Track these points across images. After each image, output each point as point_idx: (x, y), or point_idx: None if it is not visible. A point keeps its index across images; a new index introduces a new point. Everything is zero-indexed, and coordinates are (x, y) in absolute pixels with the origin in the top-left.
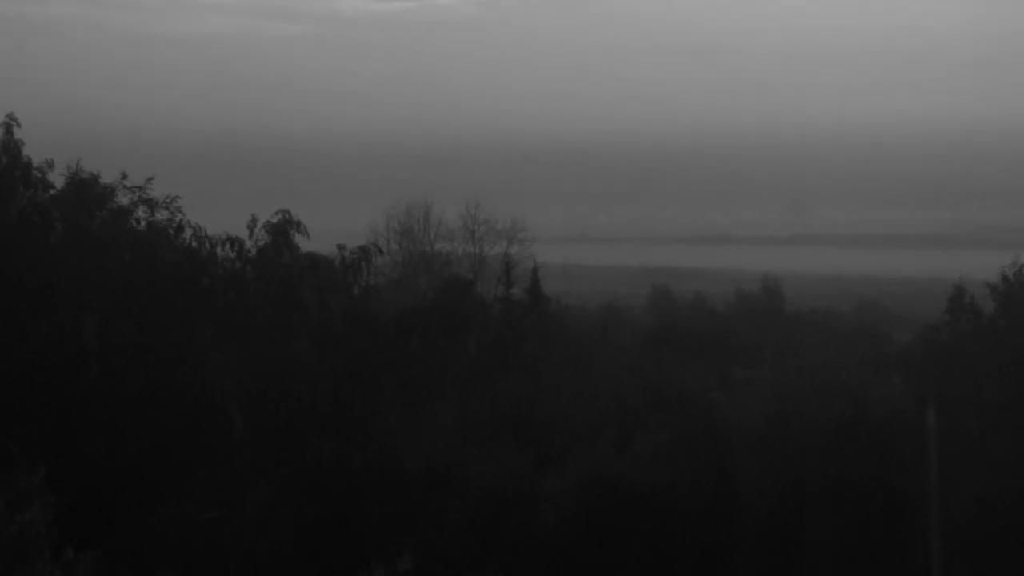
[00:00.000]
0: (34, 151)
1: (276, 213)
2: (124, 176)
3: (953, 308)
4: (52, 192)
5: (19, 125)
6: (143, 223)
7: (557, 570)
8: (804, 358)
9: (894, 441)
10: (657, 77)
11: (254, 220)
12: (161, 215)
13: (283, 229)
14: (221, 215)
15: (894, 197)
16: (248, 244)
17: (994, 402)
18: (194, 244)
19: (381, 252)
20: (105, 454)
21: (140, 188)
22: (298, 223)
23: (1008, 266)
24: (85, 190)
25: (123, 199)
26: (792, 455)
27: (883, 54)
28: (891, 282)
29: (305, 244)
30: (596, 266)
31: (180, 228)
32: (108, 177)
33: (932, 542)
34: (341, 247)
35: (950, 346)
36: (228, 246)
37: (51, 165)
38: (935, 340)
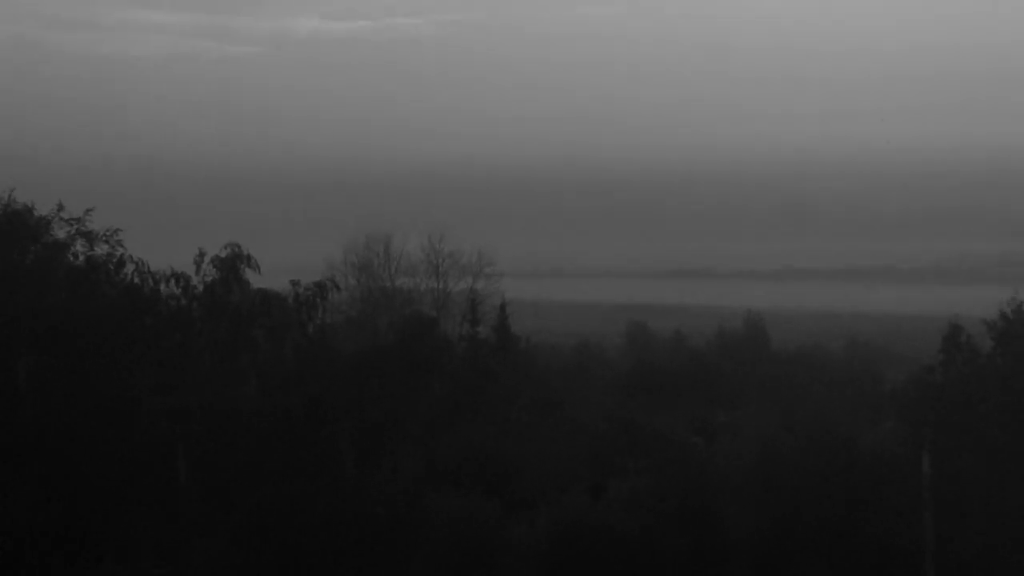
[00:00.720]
0: None
1: (225, 247)
2: (61, 207)
3: (948, 347)
4: None
5: None
6: (81, 258)
7: None
8: (791, 400)
9: (887, 489)
10: (634, 102)
11: (201, 254)
12: (101, 249)
13: (232, 264)
14: (166, 249)
15: (885, 228)
16: (195, 280)
17: (994, 447)
18: (136, 280)
19: (338, 288)
20: (38, 506)
21: (78, 220)
22: (249, 257)
23: (1007, 302)
24: (18, 222)
25: (60, 232)
26: (778, 503)
27: (868, 78)
28: (883, 319)
29: (256, 280)
30: (569, 302)
31: (121, 263)
32: (43, 208)
33: None
34: (295, 283)
35: (946, 387)
36: (173, 282)
37: None
38: (930, 381)
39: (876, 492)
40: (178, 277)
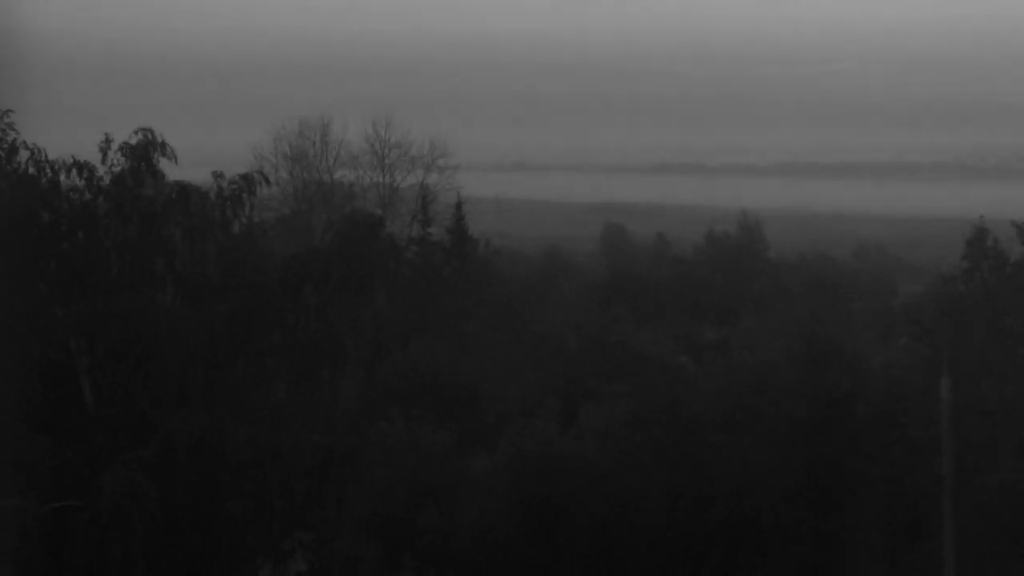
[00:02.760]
0: None
1: (135, 132)
2: None
3: (972, 253)
4: None
5: None
6: None
7: (487, 571)
8: (790, 316)
9: (900, 418)
10: None
11: (108, 141)
12: None
13: (144, 152)
14: (67, 135)
15: (899, 118)
16: (101, 171)
17: (1022, 367)
18: (32, 170)
19: (268, 181)
20: None
21: None
22: (163, 145)
23: None
24: None
25: None
26: (775, 435)
27: None
28: (897, 221)
29: (172, 171)
30: (535, 200)
31: (14, 149)
32: None
33: (945, 540)
34: (217, 175)
35: (969, 300)
36: (75, 173)
37: None
38: (950, 293)
39: (887, 421)
40: (81, 167)
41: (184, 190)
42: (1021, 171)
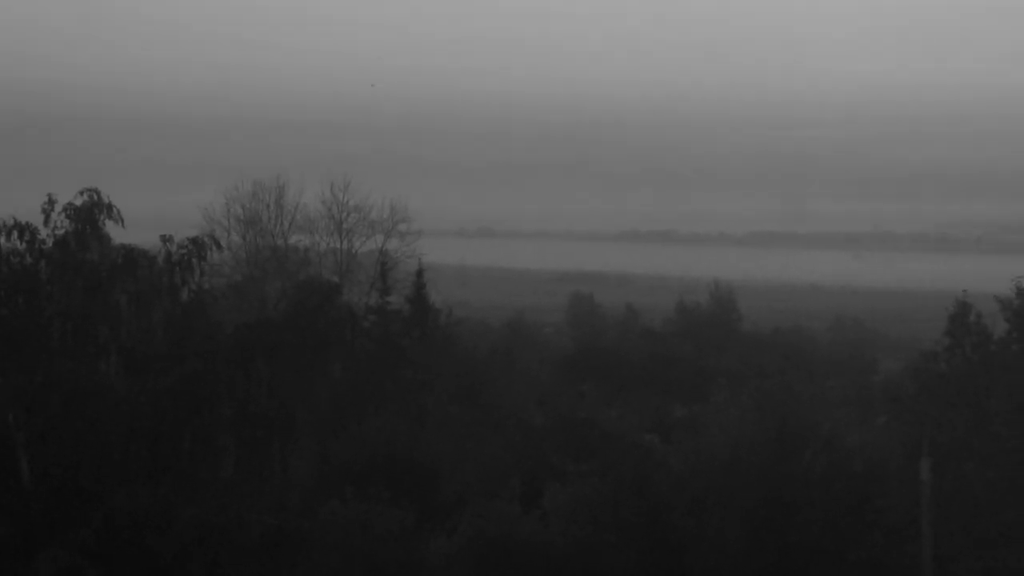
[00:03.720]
0: None
1: (80, 193)
2: None
3: (955, 329)
4: None
5: None
6: None
7: None
8: (764, 392)
9: (878, 500)
10: (582, 32)
11: (51, 202)
12: None
13: (90, 214)
14: (6, 195)
15: (879, 187)
16: (43, 233)
17: (1006, 450)
18: None
19: (219, 246)
20: None
21: None
22: (109, 206)
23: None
24: None
25: None
26: (747, 518)
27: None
28: (875, 294)
29: (119, 234)
30: (499, 268)
31: None
32: None
33: None
34: (166, 238)
35: (951, 378)
36: (16, 235)
37: None
38: (931, 370)
39: (866, 504)
40: (22, 229)
41: (131, 254)
42: (1005, 244)
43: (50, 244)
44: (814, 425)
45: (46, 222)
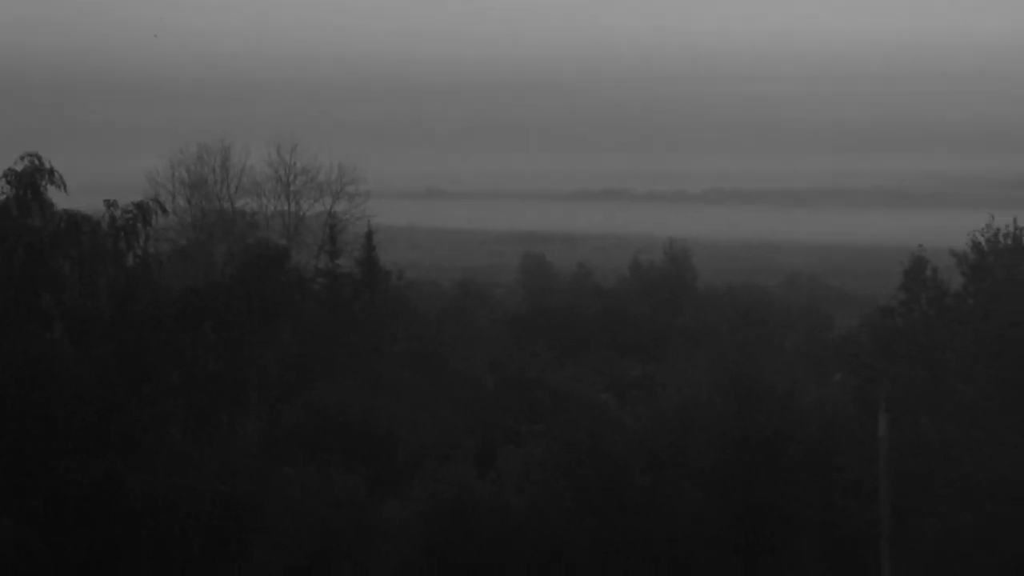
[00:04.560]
0: None
1: (21, 158)
2: None
3: (910, 284)
4: None
5: None
6: None
7: None
8: (720, 350)
9: (835, 458)
10: None
11: None
12: None
13: (31, 179)
14: None
15: (833, 142)
16: None
17: (963, 405)
18: None
19: (164, 210)
20: None
21: None
22: (51, 171)
23: (980, 230)
24: None
25: None
26: (704, 477)
27: None
28: (831, 249)
29: (61, 200)
30: (450, 229)
31: None
32: None
33: None
34: (110, 203)
35: (907, 333)
36: None
37: None
38: (887, 326)
39: (822, 462)
40: None
41: (74, 220)
42: (961, 198)
43: None
44: (769, 383)
45: None
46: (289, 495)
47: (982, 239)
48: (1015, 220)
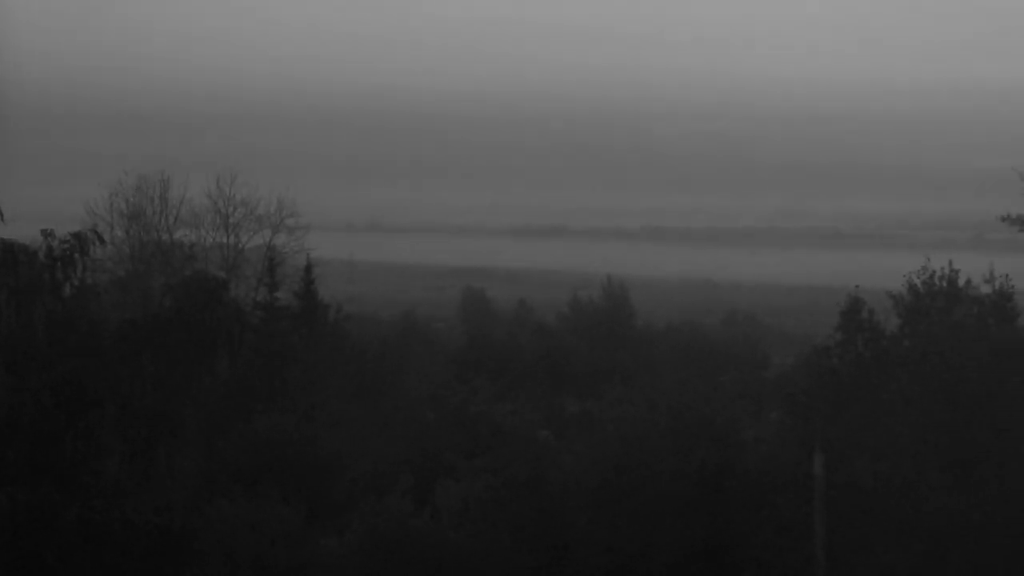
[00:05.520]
0: None
1: None
2: None
3: (847, 325)
4: None
5: None
6: None
7: None
8: (657, 388)
9: (770, 497)
10: (472, 21)
11: None
12: None
13: None
14: None
15: (770, 181)
16: None
17: (898, 447)
18: None
19: (102, 241)
20: None
21: None
22: None
23: (916, 272)
24: None
25: None
26: (640, 513)
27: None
28: (768, 289)
29: None
30: (391, 263)
31: None
32: None
33: None
34: (47, 233)
35: (843, 373)
36: None
37: None
38: (824, 365)
39: (758, 500)
40: None
41: (10, 249)
42: (897, 238)
43: None
44: (707, 420)
45: None
46: (224, 529)
47: (918, 281)
48: (950, 263)
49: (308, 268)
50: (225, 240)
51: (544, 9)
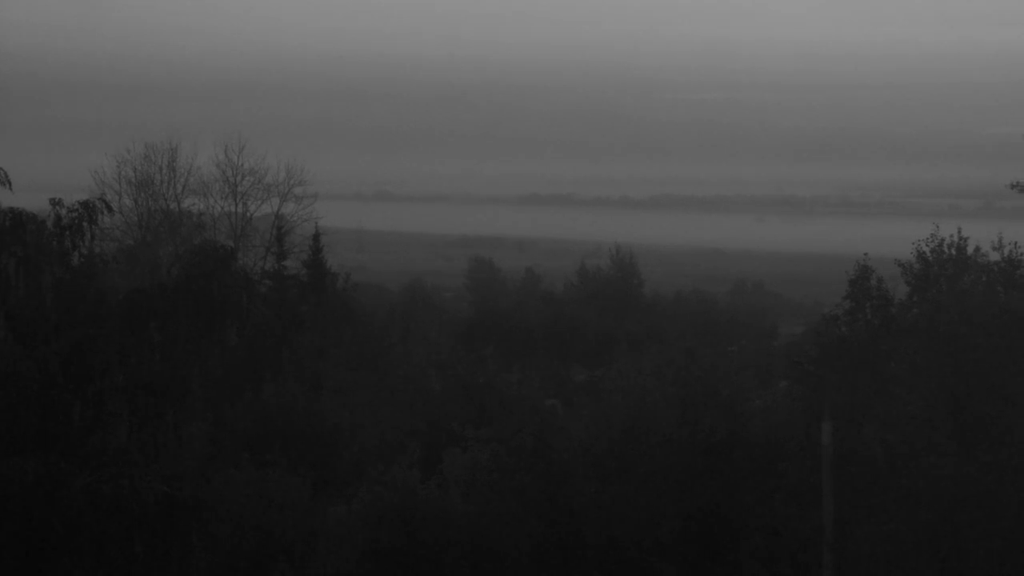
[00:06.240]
0: None
1: None
2: None
3: (855, 293)
4: None
5: None
6: None
7: None
8: (666, 356)
9: (779, 466)
10: None
11: None
12: None
13: None
14: None
15: (779, 150)
16: None
17: (906, 415)
18: None
19: (110, 209)
20: None
21: None
22: None
23: (925, 240)
24: None
25: None
26: (649, 482)
27: None
28: (776, 258)
29: (6, 197)
30: (398, 232)
31: None
32: None
33: None
34: (55, 202)
35: (851, 342)
36: None
37: None
38: (832, 334)
39: (766, 469)
40: None
41: (18, 218)
42: (906, 207)
43: None
44: (715, 389)
45: None
46: (232, 497)
47: (927, 249)
48: (959, 231)
49: (316, 237)
50: (233, 209)
51: None
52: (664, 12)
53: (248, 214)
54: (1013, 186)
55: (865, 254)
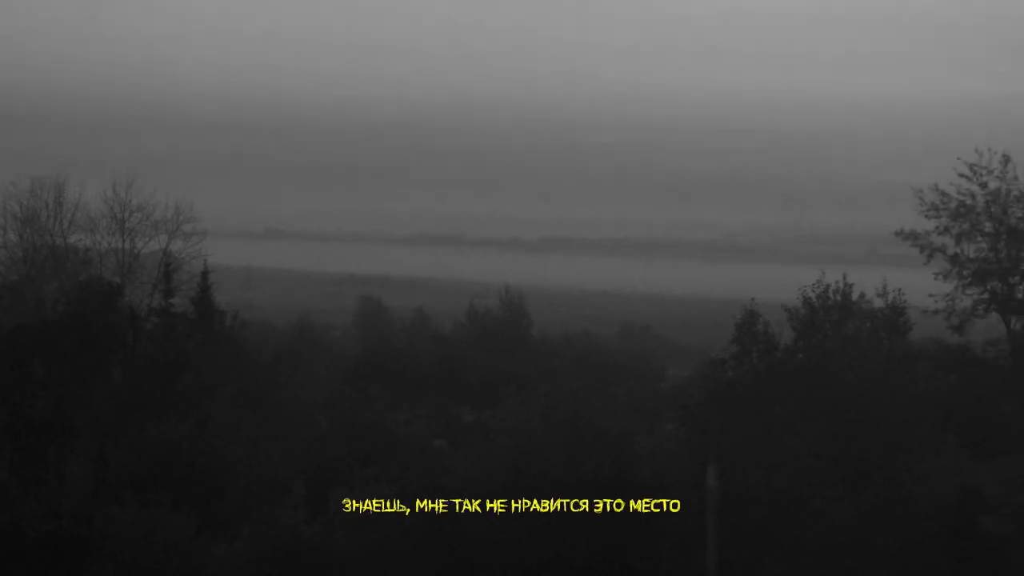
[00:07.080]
0: None
1: None
2: None
3: (742, 337)
4: None
5: None
6: None
7: None
8: (553, 398)
9: (665, 508)
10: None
11: None
12: None
13: None
14: None
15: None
16: None
17: (791, 458)
18: None
19: None
20: None
21: None
22: None
23: (811, 285)
24: None
25: None
26: (532, 524)
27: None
28: (664, 301)
29: None
30: (287, 270)
31: None
32: None
33: None
34: None
35: (738, 386)
36: None
37: None
38: (719, 378)
39: (652, 512)
40: None
41: None
42: (794, 252)
43: None
44: (602, 432)
45: None
46: (115, 536)
47: (812, 295)
48: (844, 277)
49: (204, 274)
50: (121, 245)
51: (433, 18)
52: (555, 54)
53: (136, 250)
54: (898, 233)
55: (752, 299)
